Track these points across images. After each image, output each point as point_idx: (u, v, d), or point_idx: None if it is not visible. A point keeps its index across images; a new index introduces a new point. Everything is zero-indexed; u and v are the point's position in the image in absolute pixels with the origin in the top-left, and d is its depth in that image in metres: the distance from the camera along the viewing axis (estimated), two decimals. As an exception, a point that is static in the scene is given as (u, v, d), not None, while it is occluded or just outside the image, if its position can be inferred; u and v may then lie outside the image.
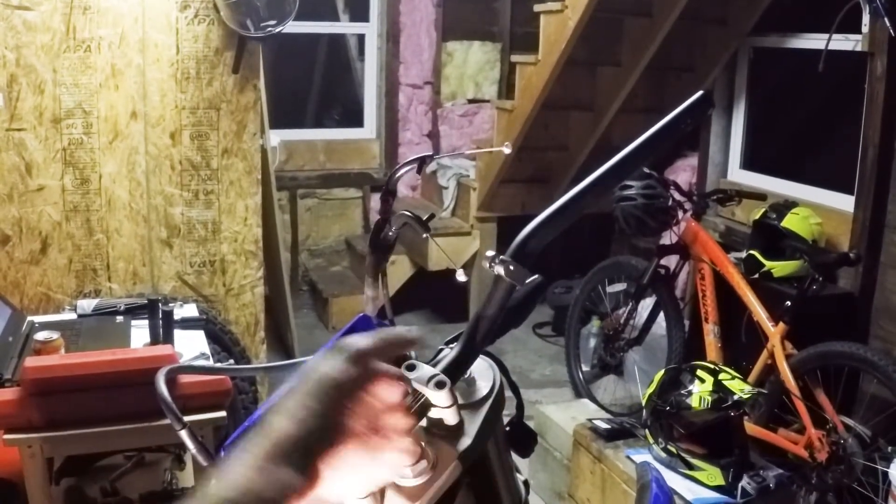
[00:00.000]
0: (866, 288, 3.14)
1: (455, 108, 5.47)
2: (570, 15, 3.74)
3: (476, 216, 4.84)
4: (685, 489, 2.39)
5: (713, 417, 2.42)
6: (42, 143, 3.06)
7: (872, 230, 3.13)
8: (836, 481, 2.62)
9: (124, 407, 1.94)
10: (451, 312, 4.80)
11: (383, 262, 0.99)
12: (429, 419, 0.71)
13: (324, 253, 5.49)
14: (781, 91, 4.24)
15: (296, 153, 5.22)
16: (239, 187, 3.37)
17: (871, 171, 3.13)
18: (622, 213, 3.41)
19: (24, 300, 3.11)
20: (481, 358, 0.79)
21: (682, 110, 0.79)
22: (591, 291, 3.93)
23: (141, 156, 3.20)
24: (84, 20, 3.02)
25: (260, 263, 3.47)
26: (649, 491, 1.11)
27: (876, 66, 3.10)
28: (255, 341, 3.52)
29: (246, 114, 3.32)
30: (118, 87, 3.12)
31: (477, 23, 5.40)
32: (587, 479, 2.72)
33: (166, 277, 3.33)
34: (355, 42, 5.56)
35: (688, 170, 4.58)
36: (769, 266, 3.24)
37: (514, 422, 0.86)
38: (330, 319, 4.86)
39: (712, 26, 4.18)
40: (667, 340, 3.49)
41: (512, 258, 0.70)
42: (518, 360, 4.41)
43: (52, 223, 3.14)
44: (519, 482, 0.86)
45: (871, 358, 2.64)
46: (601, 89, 4.41)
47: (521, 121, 4.30)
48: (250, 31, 3.09)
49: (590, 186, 0.75)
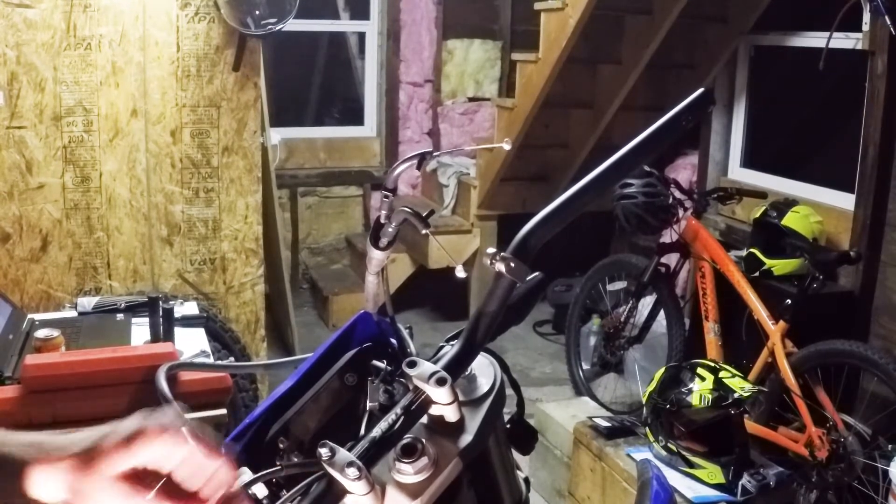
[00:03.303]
0: (867, 286, 3.14)
1: (455, 107, 5.47)
2: (571, 13, 3.73)
3: (476, 214, 4.84)
4: (685, 487, 2.39)
5: (713, 415, 2.42)
6: (42, 141, 3.06)
7: (873, 228, 3.13)
8: (836, 479, 2.63)
9: (125, 404, 1.94)
10: (452, 310, 4.80)
11: (384, 259, 0.99)
12: (430, 416, 0.71)
13: (324, 251, 5.49)
14: (782, 89, 4.24)
15: (296, 151, 5.22)
16: (239, 185, 3.37)
17: (872, 169, 3.13)
18: (623, 211, 3.41)
19: (25, 298, 3.12)
20: (482, 355, 0.79)
21: (682, 108, 0.79)
22: (591, 289, 3.94)
23: (141, 153, 3.20)
24: (84, 18, 3.02)
25: (260, 261, 3.47)
26: (650, 488, 1.11)
27: (876, 65, 3.10)
28: (256, 339, 3.53)
29: (246, 112, 3.32)
30: (119, 85, 3.12)
31: (477, 21, 5.40)
32: (587, 477, 2.73)
33: (167, 275, 3.33)
34: (356, 40, 5.56)
35: (688, 168, 4.58)
36: (769, 264, 3.24)
37: (514, 419, 0.86)
38: (330, 317, 4.87)
39: (713, 24, 4.18)
40: (667, 338, 3.49)
41: (513, 255, 0.70)
42: (518, 357, 4.41)
43: (53, 221, 3.14)
44: (519, 479, 0.86)
45: (871, 356, 2.64)
46: (602, 87, 4.41)
47: (521, 119, 4.30)
48: (251, 28, 3.09)
49: (590, 184, 0.75)
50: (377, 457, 0.67)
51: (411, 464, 0.69)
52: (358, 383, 0.88)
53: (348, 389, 0.88)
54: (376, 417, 0.72)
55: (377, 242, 0.93)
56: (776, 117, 4.28)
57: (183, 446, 0.65)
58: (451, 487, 0.71)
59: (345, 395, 0.87)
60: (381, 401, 0.82)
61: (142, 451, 0.64)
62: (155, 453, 0.65)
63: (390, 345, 0.92)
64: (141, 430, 0.65)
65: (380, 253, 0.93)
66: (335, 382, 0.88)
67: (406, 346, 0.91)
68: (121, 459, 0.64)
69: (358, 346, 0.92)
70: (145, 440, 0.64)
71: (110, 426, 0.66)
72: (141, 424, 0.65)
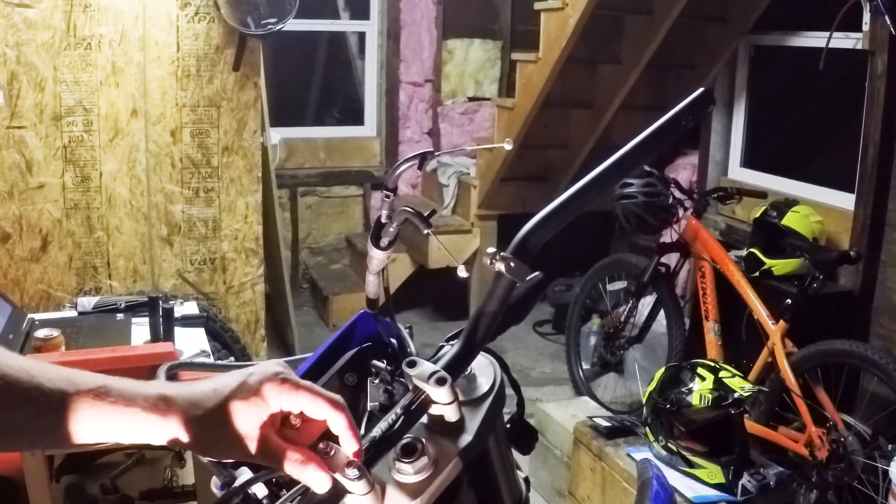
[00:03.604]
0: (866, 286, 3.14)
1: (455, 106, 5.47)
2: (571, 13, 3.73)
3: (476, 214, 4.84)
4: (685, 487, 2.39)
5: (713, 415, 2.42)
6: (42, 141, 3.06)
7: (873, 228, 3.13)
8: (836, 479, 2.62)
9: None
10: (452, 310, 4.80)
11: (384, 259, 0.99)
12: (430, 416, 0.71)
13: (324, 251, 5.49)
14: (782, 89, 4.24)
15: (296, 151, 5.22)
16: (239, 185, 3.37)
17: (872, 169, 3.12)
18: (623, 210, 3.41)
19: (25, 298, 3.12)
20: (482, 355, 0.79)
21: (682, 108, 0.79)
22: (591, 289, 3.93)
23: (141, 153, 3.21)
24: (84, 18, 3.02)
25: (260, 261, 3.47)
26: (650, 488, 1.11)
27: (876, 64, 3.10)
28: (256, 339, 3.53)
29: (246, 111, 3.32)
30: (119, 85, 3.12)
31: (477, 20, 5.40)
32: (587, 477, 2.73)
33: (167, 275, 3.33)
34: (356, 40, 5.56)
35: (688, 168, 4.58)
36: (770, 264, 3.24)
37: (514, 419, 0.86)
38: (330, 317, 4.87)
39: (713, 24, 4.18)
40: (667, 338, 3.49)
41: (513, 255, 0.70)
42: (518, 357, 4.41)
43: (53, 221, 3.14)
44: (519, 479, 0.86)
45: (871, 356, 2.64)
46: (602, 87, 4.41)
47: (521, 119, 4.30)
48: (251, 28, 3.09)
49: (590, 184, 0.75)
50: (377, 456, 0.68)
51: (411, 463, 0.69)
52: (358, 383, 0.88)
53: (348, 389, 0.88)
54: (376, 417, 0.72)
55: (378, 242, 0.93)
56: (776, 117, 4.28)
57: (294, 387, 0.67)
58: (451, 487, 0.71)
59: (345, 395, 0.87)
60: (381, 400, 0.82)
61: (273, 401, 0.66)
62: (283, 401, 0.67)
63: (390, 344, 0.92)
64: (266, 379, 0.67)
65: (380, 252, 0.93)
66: (335, 382, 0.88)
67: (406, 346, 0.91)
68: (254, 410, 0.66)
69: (358, 345, 0.92)
70: (273, 390, 0.66)
71: (233, 378, 0.67)
72: (264, 375, 0.67)
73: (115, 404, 0.66)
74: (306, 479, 0.65)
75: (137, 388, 0.67)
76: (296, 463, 0.65)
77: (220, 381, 0.67)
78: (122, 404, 0.66)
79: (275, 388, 0.66)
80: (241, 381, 0.67)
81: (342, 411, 0.66)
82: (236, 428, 0.65)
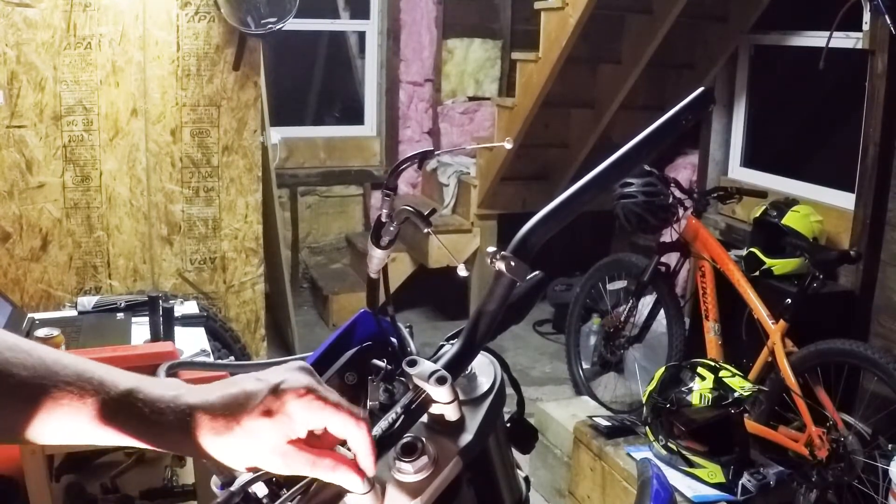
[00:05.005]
0: (867, 286, 3.14)
1: (455, 106, 5.47)
2: (571, 12, 3.73)
3: (476, 213, 4.84)
4: (686, 486, 2.39)
5: (714, 415, 2.42)
6: (42, 141, 3.06)
7: (873, 228, 3.13)
8: (836, 479, 2.63)
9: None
10: (452, 309, 4.80)
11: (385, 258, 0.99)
12: (430, 415, 0.71)
13: (324, 250, 5.49)
14: (782, 89, 4.24)
15: (296, 150, 5.22)
16: (239, 184, 3.37)
17: (872, 168, 3.12)
18: (623, 210, 3.41)
19: (25, 297, 3.12)
20: (482, 354, 0.79)
21: (682, 107, 0.79)
22: (591, 289, 3.94)
23: (141, 153, 3.21)
24: (84, 17, 3.02)
25: (260, 260, 3.47)
26: (650, 488, 1.11)
27: (876, 64, 3.10)
28: (256, 338, 3.53)
29: (246, 111, 3.32)
30: (119, 84, 3.12)
31: (477, 20, 5.40)
32: (587, 477, 2.73)
33: (167, 274, 3.33)
34: (356, 39, 5.56)
35: (688, 167, 4.58)
36: (770, 264, 3.24)
37: (514, 418, 0.86)
38: (330, 317, 4.87)
39: (713, 23, 4.18)
40: (667, 338, 3.49)
41: (513, 254, 0.70)
42: (518, 357, 4.41)
43: (53, 220, 3.14)
44: (520, 478, 0.86)
45: (871, 355, 2.64)
46: (602, 86, 4.41)
47: (521, 118, 4.30)
48: (251, 28, 3.09)
49: (590, 183, 0.75)
50: (377, 456, 0.68)
51: (411, 463, 0.69)
52: (358, 382, 0.88)
53: (348, 388, 0.88)
54: (376, 416, 0.72)
55: (378, 241, 0.93)
56: (776, 117, 4.28)
57: (322, 404, 0.65)
58: (451, 486, 0.71)
59: (345, 394, 0.87)
60: (382, 400, 0.82)
61: (300, 420, 0.65)
62: (310, 420, 0.65)
63: (390, 344, 0.92)
64: (294, 395, 0.65)
65: (381, 252, 0.93)
66: (335, 381, 0.88)
67: (406, 345, 0.91)
68: (281, 428, 0.64)
69: (358, 345, 0.92)
70: (301, 408, 0.65)
71: (260, 390, 0.65)
72: (293, 388, 0.65)
73: (143, 412, 0.65)
74: (342, 482, 0.65)
75: (164, 392, 0.66)
76: (327, 469, 0.65)
77: (246, 393, 0.66)
78: (149, 412, 0.65)
79: (303, 407, 0.65)
80: (267, 396, 0.65)
81: (364, 430, 0.66)
82: (263, 445, 0.65)
